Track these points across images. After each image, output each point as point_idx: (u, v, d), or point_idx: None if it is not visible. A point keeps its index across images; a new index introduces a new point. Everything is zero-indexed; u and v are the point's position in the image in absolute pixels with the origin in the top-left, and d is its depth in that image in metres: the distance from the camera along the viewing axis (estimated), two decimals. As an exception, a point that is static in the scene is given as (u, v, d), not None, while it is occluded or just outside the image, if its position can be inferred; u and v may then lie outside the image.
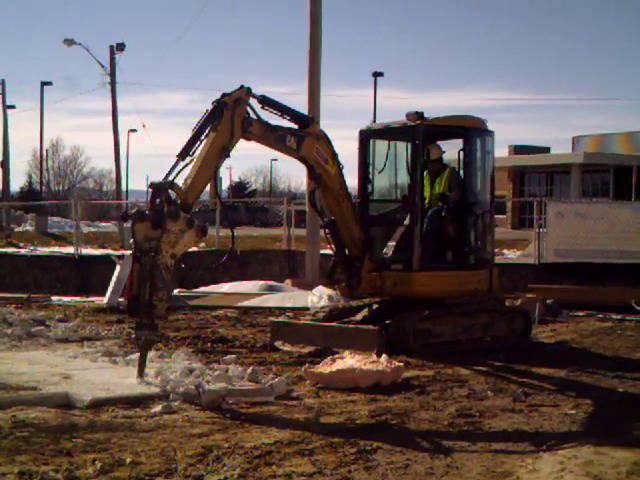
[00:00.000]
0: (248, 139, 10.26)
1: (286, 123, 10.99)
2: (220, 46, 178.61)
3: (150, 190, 9.04)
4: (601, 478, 5.99)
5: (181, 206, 8.92)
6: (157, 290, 8.52)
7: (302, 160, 11.40)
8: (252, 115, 10.24)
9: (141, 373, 8.77)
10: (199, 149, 9.53)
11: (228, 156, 9.79)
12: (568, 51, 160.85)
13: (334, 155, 11.43)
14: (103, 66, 41.62)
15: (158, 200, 8.89)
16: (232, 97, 9.89)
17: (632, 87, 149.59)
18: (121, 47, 41.87)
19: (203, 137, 9.62)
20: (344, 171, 11.68)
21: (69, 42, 41.29)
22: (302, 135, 11.02)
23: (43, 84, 57.91)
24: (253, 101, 10.33)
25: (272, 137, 10.68)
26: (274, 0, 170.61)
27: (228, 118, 9.75)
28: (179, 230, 8.66)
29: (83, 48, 41.21)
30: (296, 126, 11.09)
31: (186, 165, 9.41)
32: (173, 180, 9.17)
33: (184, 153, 9.49)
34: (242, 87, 10.11)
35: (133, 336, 9.07)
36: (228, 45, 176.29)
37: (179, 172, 9.31)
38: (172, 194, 9.01)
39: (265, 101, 10.54)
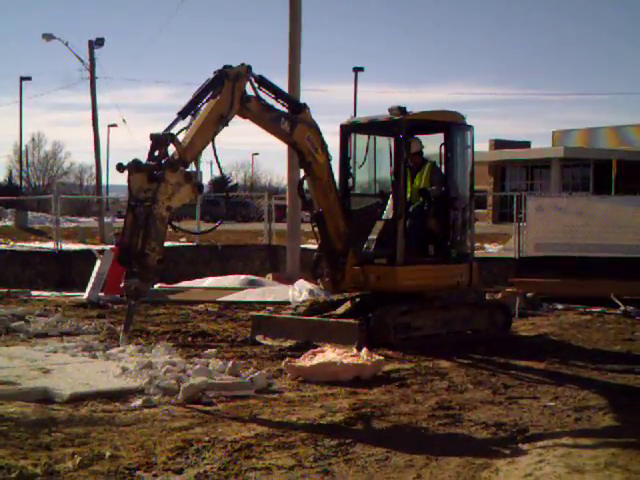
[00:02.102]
0: (244, 116, 10.36)
1: (279, 107, 11.02)
2: (199, 41, 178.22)
3: (150, 141, 8.98)
4: (579, 469, 6.03)
5: (179, 161, 8.90)
6: (150, 239, 8.46)
7: (293, 146, 11.46)
8: (251, 92, 10.34)
9: (127, 329, 8.69)
10: (199, 112, 9.60)
11: (226, 125, 9.86)
12: (548, 46, 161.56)
13: (324, 145, 11.47)
14: (82, 61, 41.42)
15: (157, 153, 8.86)
16: (234, 70, 10.04)
17: (612, 82, 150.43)
18: (100, 42, 41.62)
19: (204, 100, 9.71)
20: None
21: (48, 37, 41.04)
22: (295, 120, 11.07)
23: (22, 79, 57.62)
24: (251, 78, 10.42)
25: (267, 117, 10.75)
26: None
27: (229, 88, 9.88)
28: (176, 182, 8.65)
29: (62, 43, 41.01)
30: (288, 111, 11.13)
31: (185, 128, 9.45)
32: (173, 133, 9.16)
33: (185, 112, 9.57)
34: (243, 64, 10.24)
35: (122, 285, 8.91)
36: (207, 40, 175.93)
37: (180, 132, 9.35)
38: (170, 150, 8.98)
39: (262, 81, 10.61)
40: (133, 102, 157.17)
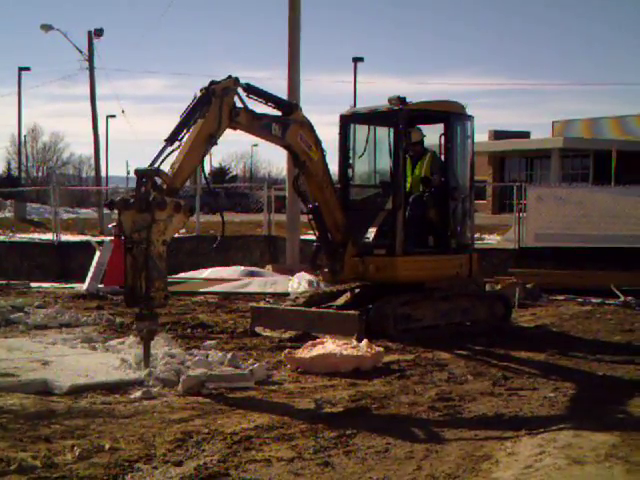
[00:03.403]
0: (234, 128, 10.23)
1: (270, 111, 10.94)
2: (197, 32, 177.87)
3: (135, 177, 8.90)
4: (580, 461, 6.03)
5: (167, 191, 8.81)
6: (153, 281, 8.43)
7: (287, 148, 11.38)
8: (239, 104, 10.19)
9: (147, 364, 8.67)
10: (187, 135, 9.46)
11: (215, 144, 9.72)
12: (548, 36, 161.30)
13: (317, 141, 11.40)
14: (81, 52, 41.30)
15: (143, 188, 8.73)
16: (221, 85, 9.84)
17: (612, 72, 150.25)
18: (99, 32, 41.48)
19: (191, 122, 9.55)
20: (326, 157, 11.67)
21: (46, 27, 40.87)
22: (286, 122, 10.97)
23: (21, 69, 57.41)
24: (239, 90, 10.28)
25: (258, 126, 10.63)
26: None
27: (216, 106, 9.69)
28: (167, 217, 8.57)
29: (61, 33, 40.88)
30: (280, 113, 11.05)
31: (173, 151, 9.34)
32: (159, 167, 9.06)
33: (172, 138, 9.41)
34: (230, 77, 10.06)
35: (134, 327, 8.98)
36: (207, 30, 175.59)
37: (165, 158, 9.23)
38: (157, 180, 8.87)
39: (250, 89, 10.49)
40: (132, 93, 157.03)
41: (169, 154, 9.29)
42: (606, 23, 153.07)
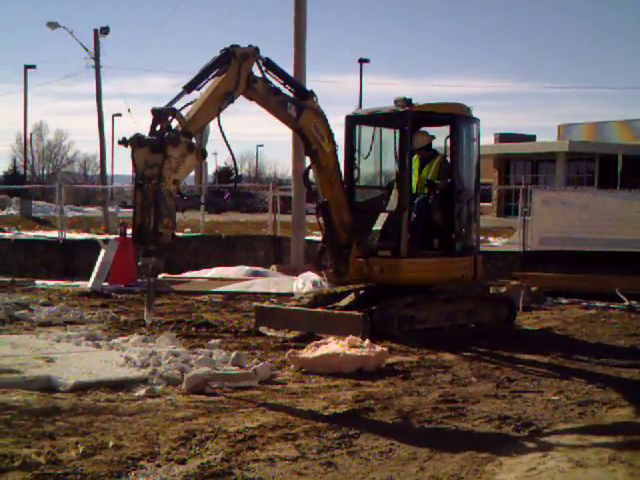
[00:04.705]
0: (250, 97, 10.32)
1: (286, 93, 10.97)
2: (203, 32, 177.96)
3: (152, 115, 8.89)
4: (583, 464, 6.02)
5: (181, 133, 8.85)
6: (162, 217, 8.44)
7: (299, 132, 11.35)
8: (258, 74, 10.30)
9: (150, 307, 8.70)
10: (205, 87, 9.60)
11: (232, 102, 9.83)
12: (554, 40, 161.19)
13: (330, 134, 11.39)
14: (87, 50, 41.31)
15: (158, 127, 8.78)
16: (241, 50, 10.01)
17: (619, 76, 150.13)
18: (105, 31, 41.51)
19: (211, 77, 9.71)
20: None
21: (53, 25, 40.88)
22: (302, 106, 10.98)
23: (27, 67, 57.48)
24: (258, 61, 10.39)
25: (274, 100, 10.66)
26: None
27: (235, 67, 9.85)
28: (180, 155, 8.58)
29: (67, 31, 40.90)
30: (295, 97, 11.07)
31: (189, 103, 9.45)
32: (175, 108, 9.11)
33: (190, 86, 9.56)
34: (251, 45, 10.20)
35: (139, 264, 8.86)
36: (213, 29, 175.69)
37: (183, 107, 9.30)
38: (172, 123, 8.90)
39: (269, 64, 10.54)
40: (138, 91, 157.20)
41: (186, 105, 9.39)
42: (615, 28, 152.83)
